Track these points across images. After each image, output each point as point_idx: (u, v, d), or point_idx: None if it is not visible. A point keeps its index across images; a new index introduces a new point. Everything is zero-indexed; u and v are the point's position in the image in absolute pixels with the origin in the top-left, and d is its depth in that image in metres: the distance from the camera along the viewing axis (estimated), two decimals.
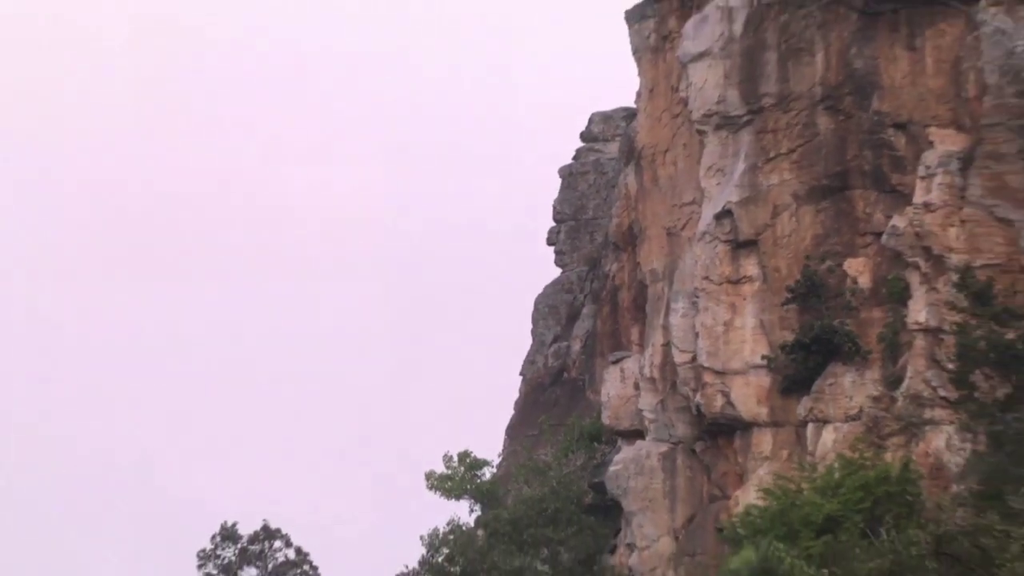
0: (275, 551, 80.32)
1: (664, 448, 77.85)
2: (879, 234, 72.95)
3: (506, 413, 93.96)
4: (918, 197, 71.74)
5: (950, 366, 68.03)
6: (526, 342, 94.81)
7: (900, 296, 71.91)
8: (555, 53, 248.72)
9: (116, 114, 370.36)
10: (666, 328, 77.58)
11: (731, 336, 74.89)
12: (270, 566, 79.78)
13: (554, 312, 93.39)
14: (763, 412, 74.21)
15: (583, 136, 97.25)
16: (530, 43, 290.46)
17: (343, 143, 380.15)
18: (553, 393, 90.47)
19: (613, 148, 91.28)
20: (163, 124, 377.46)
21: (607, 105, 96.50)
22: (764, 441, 74.13)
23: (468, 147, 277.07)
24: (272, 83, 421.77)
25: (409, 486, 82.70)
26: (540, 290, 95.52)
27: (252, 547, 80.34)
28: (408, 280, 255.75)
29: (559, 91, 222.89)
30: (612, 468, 79.17)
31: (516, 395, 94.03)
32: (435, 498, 78.07)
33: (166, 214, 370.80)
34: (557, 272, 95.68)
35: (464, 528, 76.66)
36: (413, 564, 75.66)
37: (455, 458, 78.90)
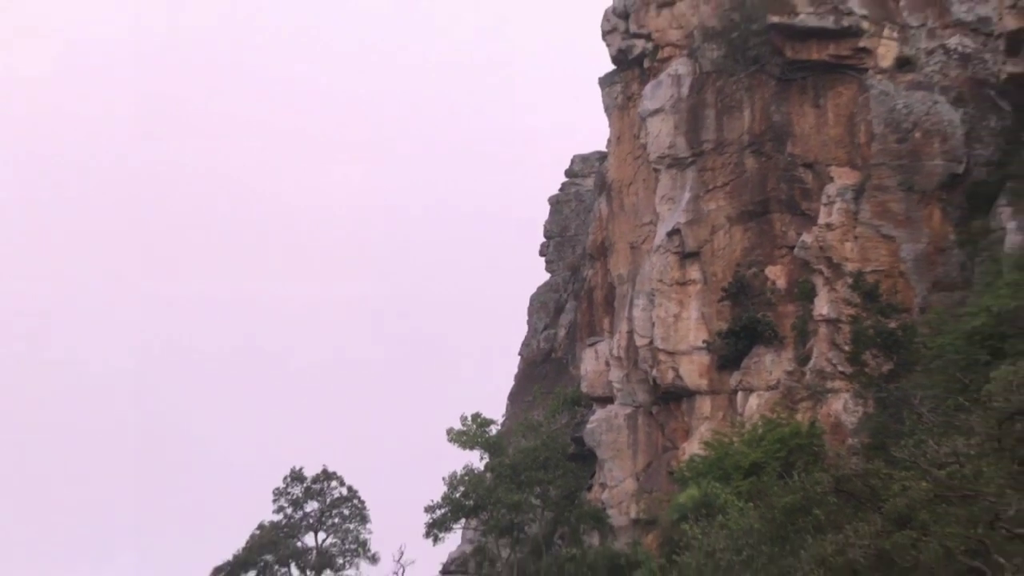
0: (332, 489, 79.15)
1: (628, 410, 78.52)
2: (792, 247, 74.19)
3: (507, 384, 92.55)
4: (822, 219, 73.03)
5: (846, 348, 69.37)
6: (523, 330, 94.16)
7: (808, 295, 73.21)
8: (544, 106, 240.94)
9: (115, 112, 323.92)
10: (630, 319, 78.06)
11: (679, 325, 75.79)
12: (328, 500, 78.23)
13: (544, 307, 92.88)
14: (704, 383, 75.40)
15: (567, 172, 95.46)
16: (523, 98, 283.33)
17: (367, 151, 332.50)
18: (544, 369, 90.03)
19: (589, 182, 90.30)
20: (163, 122, 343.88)
21: (585, 149, 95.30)
22: (705, 405, 75.20)
23: (477, 185, 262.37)
24: (272, 84, 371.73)
25: (433, 440, 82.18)
26: (534, 290, 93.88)
27: (314, 486, 79.65)
28: (431, 283, 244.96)
29: (547, 136, 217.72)
30: (589, 426, 79.84)
31: (515, 370, 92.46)
32: (453, 449, 77.84)
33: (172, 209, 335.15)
34: (547, 276, 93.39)
35: (476, 472, 76.13)
36: (437, 499, 75.39)
37: (469, 418, 78.01)
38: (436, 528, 76.02)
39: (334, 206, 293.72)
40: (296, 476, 79.39)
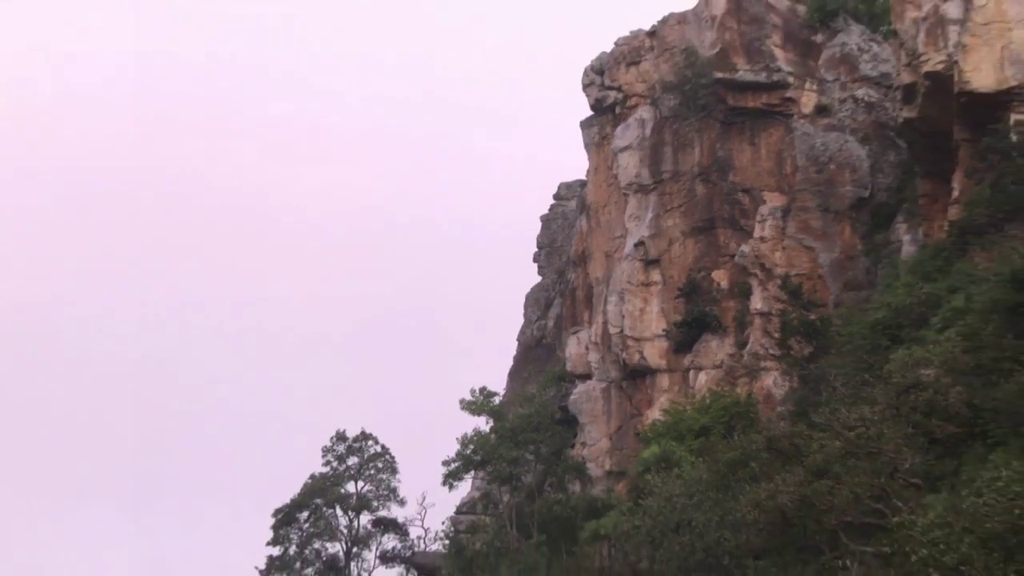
0: (368, 447, 79.57)
1: (603, 385, 78.51)
2: (733, 256, 74.54)
3: (507, 364, 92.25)
4: (756, 233, 73.49)
5: (775, 335, 69.45)
6: (519, 321, 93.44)
7: (745, 293, 73.62)
8: (537, 143, 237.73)
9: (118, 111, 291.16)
10: (604, 312, 78.12)
11: (644, 318, 76.05)
12: (365, 456, 78.03)
13: (537, 303, 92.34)
14: (663, 363, 75.64)
15: (554, 196, 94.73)
16: (520, 136, 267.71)
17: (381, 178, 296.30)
18: (536, 352, 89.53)
19: (572, 204, 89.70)
20: (162, 120, 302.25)
21: (569, 178, 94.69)
22: (664, 380, 75.43)
23: (483, 207, 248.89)
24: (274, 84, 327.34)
25: (449, 409, 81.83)
26: (528, 289, 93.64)
27: (354, 444, 79.91)
28: (444, 287, 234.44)
29: (539, 167, 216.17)
30: (572, 397, 79.83)
31: (514, 353, 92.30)
32: (465, 415, 77.63)
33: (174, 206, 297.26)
34: (539, 279, 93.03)
35: (482, 433, 76.18)
36: (452, 455, 75.41)
37: (477, 391, 78.07)
38: (451, 478, 75.93)
39: (352, 211, 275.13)
40: (340, 437, 79.47)
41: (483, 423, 77.19)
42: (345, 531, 79.53)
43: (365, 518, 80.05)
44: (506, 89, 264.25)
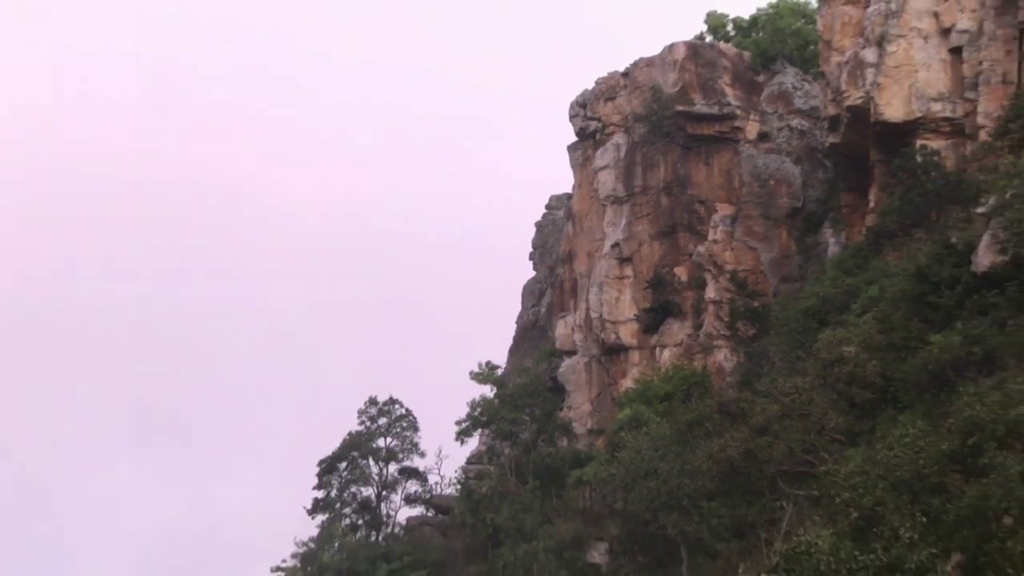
0: (395, 409, 79.14)
1: (586, 360, 77.99)
2: (691, 255, 74.03)
3: (508, 343, 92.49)
4: (710, 237, 73.18)
5: (725, 319, 69.82)
6: (518, 308, 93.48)
7: (701, 285, 72.99)
8: (531, 163, 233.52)
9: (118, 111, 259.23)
10: (587, 301, 77.66)
11: (618, 305, 75.60)
12: (392, 417, 77.52)
13: (532, 293, 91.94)
14: (635, 342, 75.14)
15: (546, 206, 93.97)
16: (516, 157, 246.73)
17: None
18: (532, 333, 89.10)
19: (560, 212, 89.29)
20: (163, 119, 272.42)
21: (558, 191, 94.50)
22: (635, 356, 75.04)
23: (488, 215, 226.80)
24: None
25: (461, 379, 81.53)
26: (525, 282, 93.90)
27: (384, 407, 79.32)
28: (455, 281, 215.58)
29: (535, 183, 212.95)
30: (560, 369, 79.36)
31: (513, 334, 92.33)
32: (474, 384, 77.64)
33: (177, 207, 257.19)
34: (533, 273, 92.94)
35: (487, 399, 76.38)
36: (463, 416, 75.56)
37: (484, 365, 78.57)
38: (462, 435, 75.94)
39: (363, 218, 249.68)
40: (372, 401, 79.20)
41: (488, 390, 77.24)
42: (376, 478, 79.36)
43: (392, 467, 79.81)
44: (503, 110, 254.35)
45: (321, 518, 78.39)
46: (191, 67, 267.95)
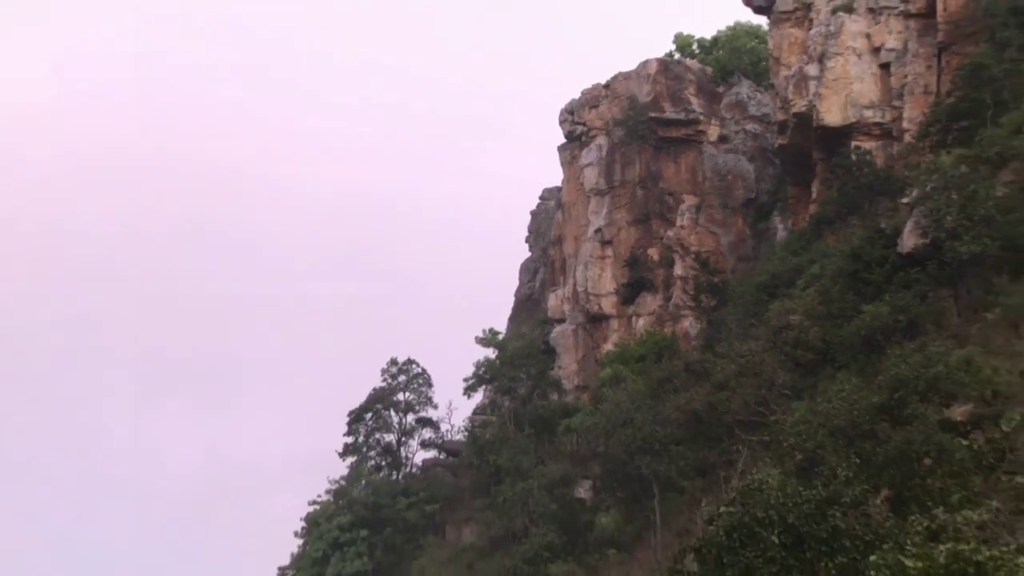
0: (412, 368, 78.85)
1: (573, 326, 77.46)
2: (662, 239, 73.64)
3: (507, 312, 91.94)
4: (678, 223, 72.85)
5: (691, 293, 69.45)
6: (516, 283, 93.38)
7: (670, 264, 72.47)
8: (527, 162, 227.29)
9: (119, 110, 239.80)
10: (574, 277, 77.28)
11: (601, 280, 75.17)
12: (410, 374, 77.45)
13: (528, 270, 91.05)
14: (615, 312, 74.68)
15: (540, 197, 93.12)
16: (514, 156, 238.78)
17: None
18: (528, 304, 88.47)
19: (552, 203, 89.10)
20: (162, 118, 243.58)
21: (550, 184, 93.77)
22: (615, 324, 74.62)
23: (492, 205, 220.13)
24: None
25: (467, 342, 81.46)
26: (522, 261, 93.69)
27: (403, 367, 78.94)
28: (464, 263, 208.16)
29: (531, 178, 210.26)
30: (552, 335, 78.75)
31: (512, 304, 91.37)
32: (479, 347, 77.60)
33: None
34: (529, 254, 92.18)
35: (490, 359, 76.13)
36: (470, 374, 75.64)
37: (487, 331, 78.77)
38: (469, 390, 76.15)
39: (373, 210, 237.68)
40: (393, 362, 78.99)
41: (491, 353, 77.23)
42: (397, 427, 79.29)
43: (410, 418, 79.68)
44: (500, 112, 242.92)
45: (350, 460, 78.59)
46: (191, 67, 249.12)
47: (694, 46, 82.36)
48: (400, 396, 79.78)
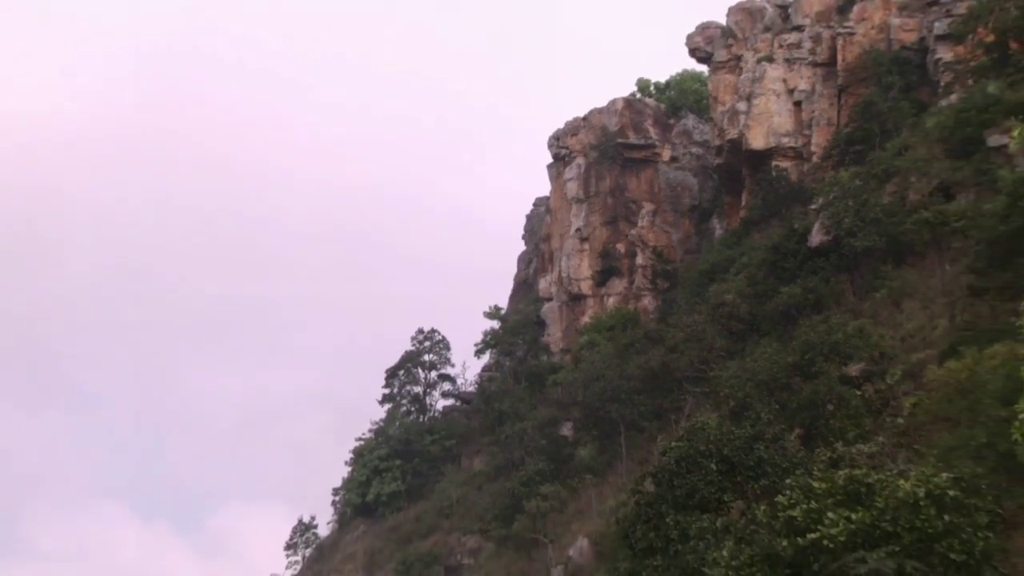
0: (435, 336, 77.53)
1: (559, 304, 76.47)
2: (628, 235, 72.77)
3: (508, 292, 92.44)
4: (639, 224, 72.08)
5: (649, 277, 69.12)
6: (514, 270, 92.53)
7: (633, 256, 71.76)
8: (523, 176, 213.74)
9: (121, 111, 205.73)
10: (560, 266, 76.26)
11: (580, 267, 74.07)
12: (433, 340, 76.11)
13: (523, 260, 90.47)
14: (590, 292, 73.73)
15: (533, 203, 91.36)
16: (511, 172, 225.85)
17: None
18: (523, 287, 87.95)
19: (542, 209, 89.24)
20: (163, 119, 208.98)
21: (541, 194, 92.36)
22: (590, 302, 73.65)
23: (495, 212, 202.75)
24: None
25: (476, 316, 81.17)
26: (519, 253, 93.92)
27: (428, 335, 77.69)
28: (472, 256, 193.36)
29: (526, 190, 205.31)
30: (542, 310, 77.35)
31: (511, 287, 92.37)
32: (486, 320, 77.72)
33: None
34: (524, 248, 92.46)
35: (495, 329, 76.42)
36: (479, 339, 75.75)
37: (492, 307, 78.74)
38: (479, 352, 76.52)
39: (382, 210, 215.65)
40: (420, 331, 78.80)
41: (495, 324, 77.13)
42: (423, 381, 79.01)
43: (433, 374, 79.39)
44: (500, 130, 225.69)
45: (387, 407, 78.66)
46: (191, 67, 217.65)
47: (651, 88, 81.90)
48: (425, 357, 79.52)
